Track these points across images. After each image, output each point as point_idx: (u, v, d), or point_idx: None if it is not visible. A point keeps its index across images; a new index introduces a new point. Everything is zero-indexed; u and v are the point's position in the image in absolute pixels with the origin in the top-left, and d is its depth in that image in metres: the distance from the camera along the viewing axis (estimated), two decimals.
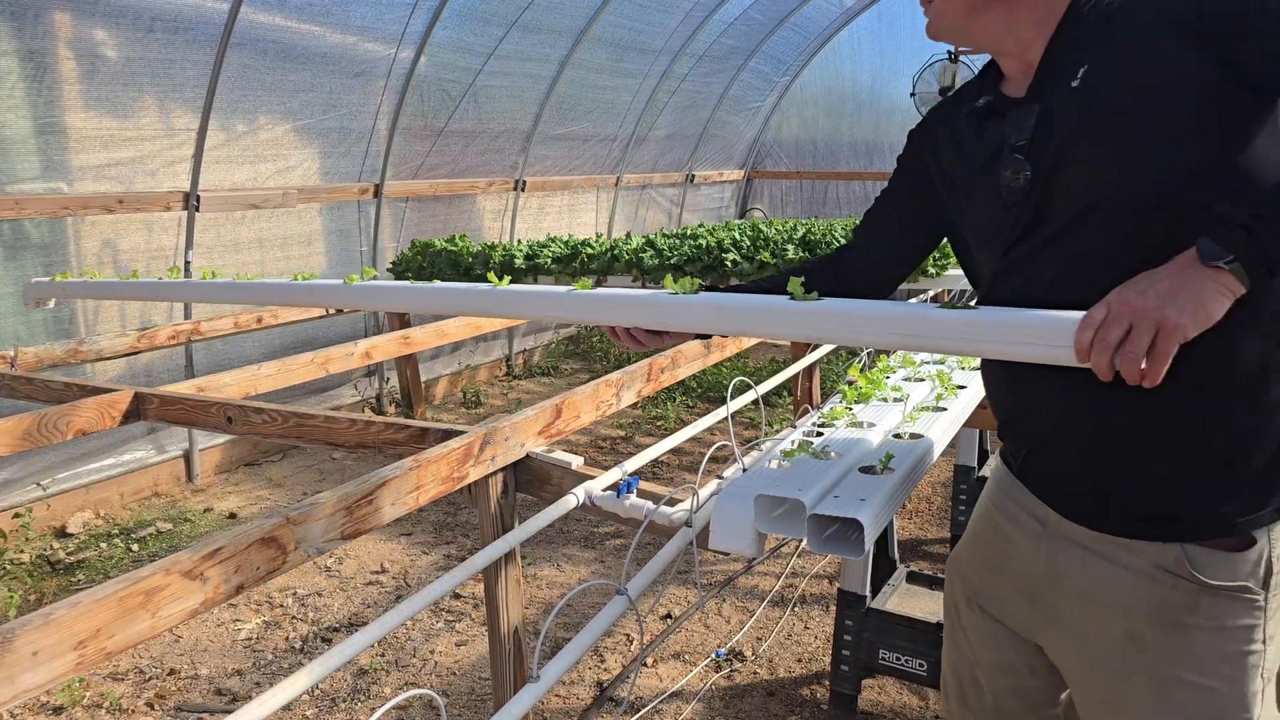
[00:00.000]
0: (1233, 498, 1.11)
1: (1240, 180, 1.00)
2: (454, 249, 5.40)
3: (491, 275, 1.80)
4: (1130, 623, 1.17)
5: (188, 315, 4.57)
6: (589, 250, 5.17)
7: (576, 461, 1.97)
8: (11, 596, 3.27)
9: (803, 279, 1.23)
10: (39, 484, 4.04)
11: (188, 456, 4.67)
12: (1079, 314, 0.97)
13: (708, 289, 1.36)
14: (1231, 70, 0.98)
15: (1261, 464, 1.10)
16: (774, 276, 1.43)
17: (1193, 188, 1.01)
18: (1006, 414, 1.31)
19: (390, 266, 5.65)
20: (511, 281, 5.70)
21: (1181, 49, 1.00)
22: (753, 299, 1.29)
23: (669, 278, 1.40)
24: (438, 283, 1.92)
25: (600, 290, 1.56)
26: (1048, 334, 0.99)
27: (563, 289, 1.58)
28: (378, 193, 5.64)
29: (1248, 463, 1.09)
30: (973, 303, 1.20)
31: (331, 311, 5.04)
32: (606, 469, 1.89)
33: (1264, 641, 1.13)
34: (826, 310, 1.20)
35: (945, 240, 1.41)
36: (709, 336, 2.18)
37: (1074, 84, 1.08)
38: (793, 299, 1.23)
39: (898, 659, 2.33)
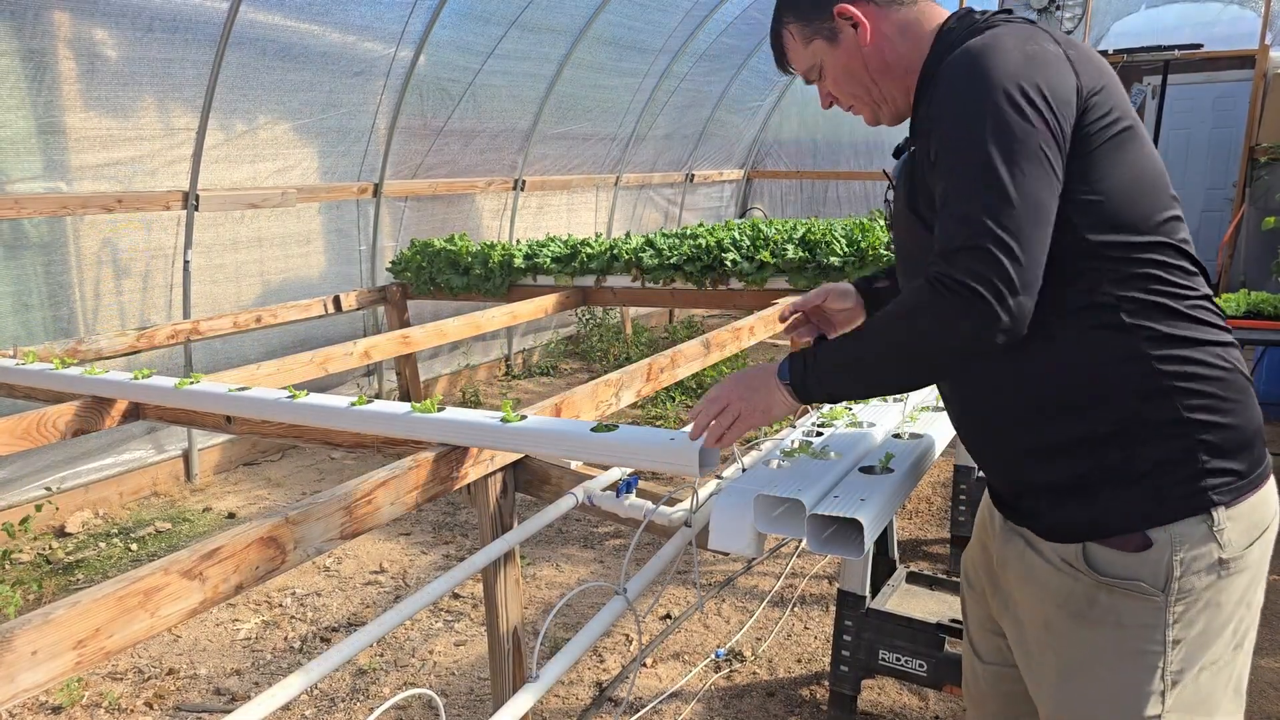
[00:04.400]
0: (1116, 501, 1.19)
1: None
2: (453, 248, 5.40)
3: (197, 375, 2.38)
4: (1047, 608, 1.28)
5: (186, 314, 4.57)
6: (588, 250, 5.16)
7: (576, 461, 1.96)
8: (11, 595, 3.26)
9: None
10: (47, 488, 4.04)
11: (186, 456, 4.67)
12: (687, 430, 1.41)
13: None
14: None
15: (1139, 469, 1.18)
16: (870, 276, 1.68)
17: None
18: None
19: (389, 266, 5.65)
20: (510, 281, 5.61)
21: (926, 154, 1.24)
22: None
23: (427, 402, 1.87)
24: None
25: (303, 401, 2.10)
26: (678, 452, 1.48)
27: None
28: (377, 192, 5.64)
29: (1114, 470, 1.19)
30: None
31: (330, 310, 5.04)
32: (605, 469, 1.89)
33: (1166, 644, 1.19)
34: (522, 429, 1.72)
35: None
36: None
37: (915, 138, 1.31)
38: (504, 420, 1.76)
39: (897, 659, 2.33)
